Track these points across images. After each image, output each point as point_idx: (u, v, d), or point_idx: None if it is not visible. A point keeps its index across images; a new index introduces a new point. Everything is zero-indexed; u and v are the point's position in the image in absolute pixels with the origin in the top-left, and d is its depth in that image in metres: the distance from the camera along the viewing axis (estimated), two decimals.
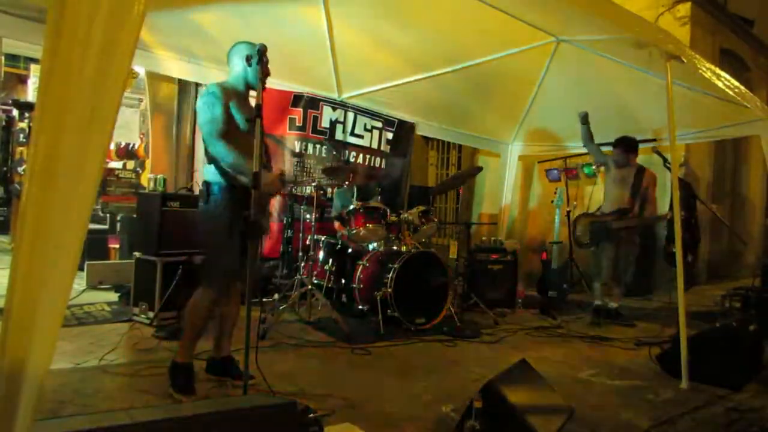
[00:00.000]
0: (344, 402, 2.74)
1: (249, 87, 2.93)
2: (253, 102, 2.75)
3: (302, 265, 4.66)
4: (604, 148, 5.24)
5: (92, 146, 1.48)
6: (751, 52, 9.08)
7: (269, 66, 2.74)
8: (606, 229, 4.95)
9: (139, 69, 4.90)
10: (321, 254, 4.71)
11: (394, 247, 4.71)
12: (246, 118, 2.76)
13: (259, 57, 2.67)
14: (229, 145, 2.68)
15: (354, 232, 4.54)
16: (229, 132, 2.72)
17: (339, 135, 5.84)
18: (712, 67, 3.79)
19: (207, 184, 2.80)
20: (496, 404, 2.23)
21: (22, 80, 9.15)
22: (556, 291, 5.74)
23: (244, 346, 2.40)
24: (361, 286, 4.47)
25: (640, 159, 5.14)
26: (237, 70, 2.89)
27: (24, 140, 8.51)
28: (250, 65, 2.84)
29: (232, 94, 2.80)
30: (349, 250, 4.76)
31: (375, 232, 4.59)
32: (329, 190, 5.76)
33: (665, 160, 4.73)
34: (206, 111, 2.72)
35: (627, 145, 4.97)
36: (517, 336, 4.42)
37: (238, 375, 2.86)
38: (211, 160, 2.76)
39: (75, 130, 1.44)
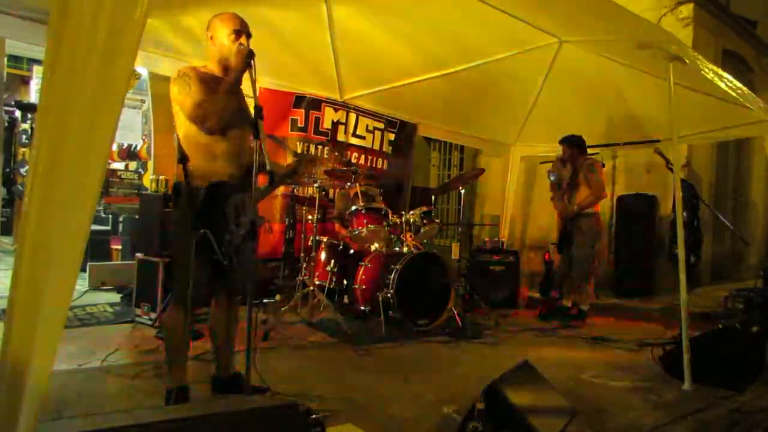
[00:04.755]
0: (346, 403, 2.74)
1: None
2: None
3: (304, 266, 4.66)
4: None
5: (95, 147, 1.48)
6: (754, 53, 9.05)
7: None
8: (561, 233, 5.21)
9: (142, 70, 4.90)
10: (323, 255, 4.71)
11: (396, 248, 4.70)
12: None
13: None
14: None
15: (356, 232, 4.54)
16: None
17: (341, 136, 5.84)
18: (715, 68, 3.78)
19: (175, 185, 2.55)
20: (498, 406, 2.22)
21: (25, 81, 9.14)
22: (559, 292, 5.73)
23: (246, 347, 2.39)
24: (363, 287, 4.47)
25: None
26: None
27: (27, 141, 8.51)
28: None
29: None
30: (351, 251, 4.75)
31: (377, 233, 4.58)
32: (331, 191, 5.75)
33: (667, 161, 4.72)
34: None
35: (571, 143, 5.16)
36: (519, 337, 4.42)
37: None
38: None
39: (77, 131, 1.44)
